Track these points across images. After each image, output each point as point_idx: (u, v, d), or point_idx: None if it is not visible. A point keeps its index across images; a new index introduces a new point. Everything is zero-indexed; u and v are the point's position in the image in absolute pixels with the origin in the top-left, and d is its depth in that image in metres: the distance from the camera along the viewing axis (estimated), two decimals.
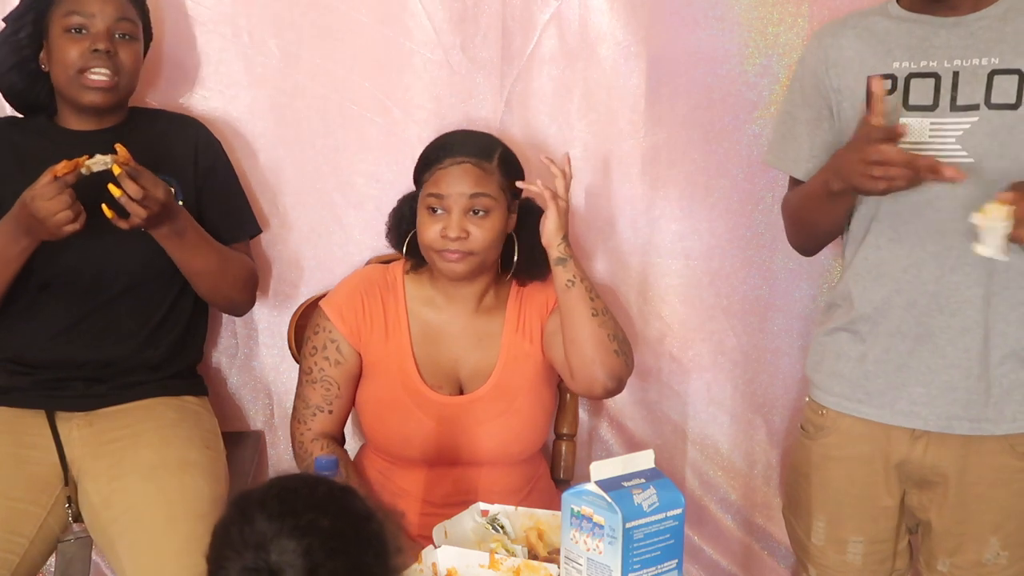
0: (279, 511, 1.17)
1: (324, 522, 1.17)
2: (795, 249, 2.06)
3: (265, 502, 1.18)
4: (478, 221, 1.96)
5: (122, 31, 2.01)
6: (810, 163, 1.92)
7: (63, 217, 1.83)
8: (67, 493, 2.00)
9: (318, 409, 2.05)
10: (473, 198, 1.96)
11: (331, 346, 2.04)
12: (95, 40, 1.97)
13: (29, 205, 1.83)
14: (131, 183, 1.84)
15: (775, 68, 2.28)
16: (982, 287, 1.77)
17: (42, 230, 1.86)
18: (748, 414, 2.44)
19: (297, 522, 1.16)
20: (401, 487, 2.05)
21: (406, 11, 2.27)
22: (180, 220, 1.97)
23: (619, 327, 1.98)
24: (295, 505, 1.18)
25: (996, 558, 1.86)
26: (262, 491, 1.21)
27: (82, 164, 1.85)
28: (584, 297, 1.93)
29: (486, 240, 1.96)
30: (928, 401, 1.81)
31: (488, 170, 1.98)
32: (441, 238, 1.95)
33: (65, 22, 1.99)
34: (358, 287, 2.07)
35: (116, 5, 2.01)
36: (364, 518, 1.21)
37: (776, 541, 2.45)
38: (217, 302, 2.15)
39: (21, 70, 2.05)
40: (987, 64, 1.74)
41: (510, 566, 1.63)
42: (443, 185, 1.97)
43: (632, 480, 1.52)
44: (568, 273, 1.93)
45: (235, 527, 1.18)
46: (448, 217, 1.95)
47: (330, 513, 1.19)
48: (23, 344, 2.03)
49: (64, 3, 2.00)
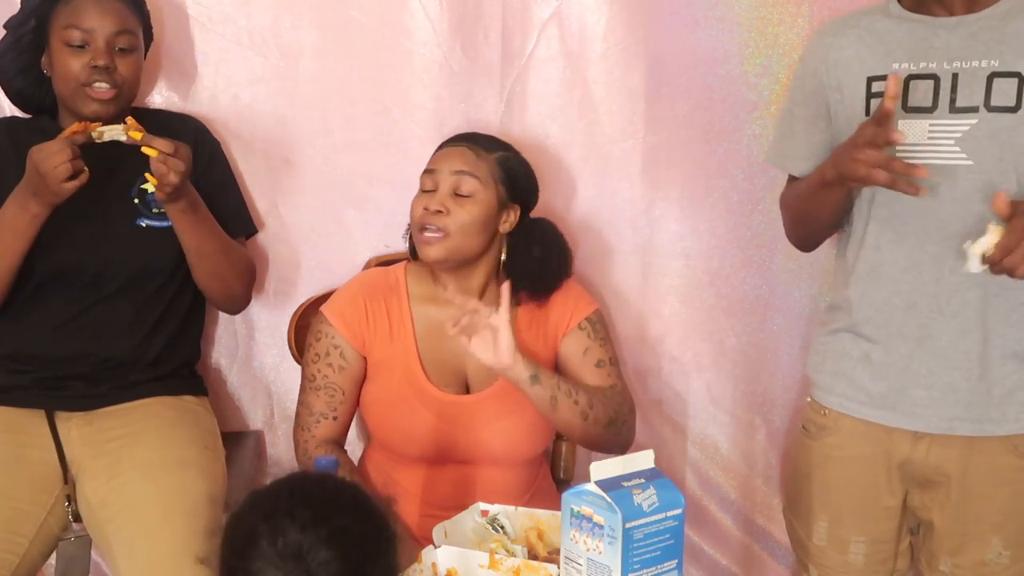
0: (311, 520, 1.18)
1: (354, 526, 1.20)
2: (794, 244, 2.06)
3: (293, 512, 1.19)
4: (461, 201, 1.97)
5: (122, 44, 2.01)
6: (807, 161, 1.92)
7: (63, 169, 1.83)
8: (66, 492, 2.00)
9: (322, 416, 2.04)
10: (458, 174, 1.97)
11: (334, 352, 2.03)
12: (95, 56, 1.97)
13: (34, 158, 1.85)
14: (160, 140, 1.86)
15: (775, 68, 2.28)
16: (981, 288, 1.77)
17: (45, 190, 1.86)
18: (748, 414, 2.44)
19: (330, 530, 1.18)
20: (403, 486, 2.05)
21: (406, 11, 2.27)
22: (192, 192, 1.99)
23: (613, 404, 1.97)
24: (324, 511, 1.20)
25: (998, 558, 1.86)
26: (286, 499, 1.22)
27: (93, 128, 1.87)
28: (570, 408, 1.91)
29: (463, 222, 1.96)
30: (930, 403, 1.81)
31: (482, 157, 2.00)
32: (423, 211, 1.97)
33: (65, 36, 1.99)
34: (360, 291, 2.07)
35: (115, 19, 2.01)
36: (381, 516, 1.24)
37: (776, 541, 2.45)
38: (217, 292, 2.12)
39: (26, 75, 2.06)
40: (987, 66, 1.74)
41: (510, 566, 1.63)
42: (435, 161, 2.02)
43: (632, 480, 1.52)
44: (546, 390, 1.88)
45: (266, 539, 1.19)
46: (435, 194, 1.97)
47: (356, 516, 1.21)
48: (21, 340, 2.04)
49: (63, 15, 2.00)
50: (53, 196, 1.87)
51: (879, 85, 1.78)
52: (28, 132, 2.08)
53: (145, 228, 2.06)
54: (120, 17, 2.02)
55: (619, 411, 2.00)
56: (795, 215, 1.99)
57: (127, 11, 2.04)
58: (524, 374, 1.85)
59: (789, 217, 2.02)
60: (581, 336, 2.06)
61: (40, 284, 2.02)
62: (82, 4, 1.99)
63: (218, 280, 2.10)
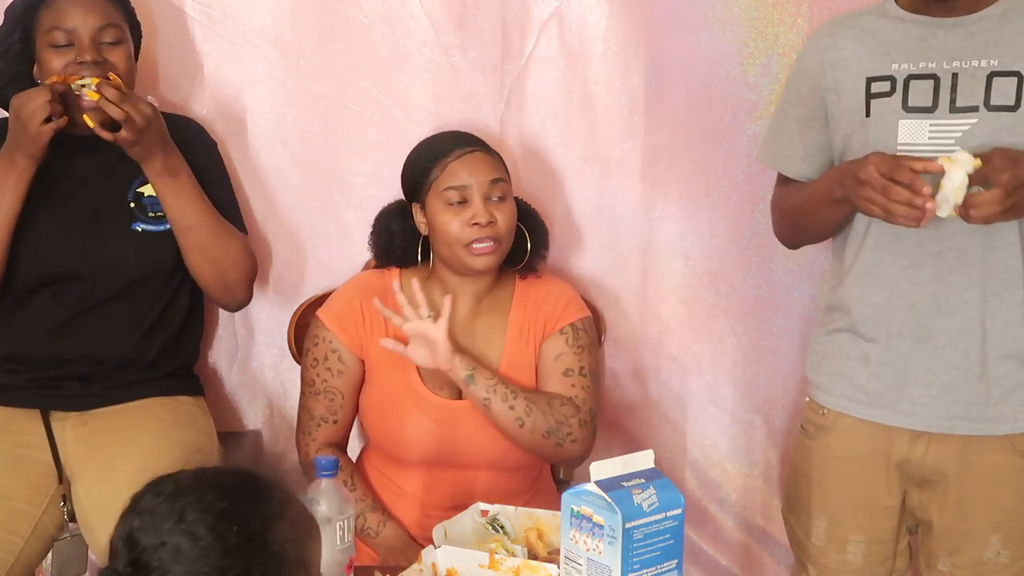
0: (200, 508, 1.15)
1: (232, 536, 1.14)
2: (782, 242, 2.06)
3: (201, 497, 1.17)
4: (499, 206, 1.97)
5: (108, 38, 1.99)
6: (803, 162, 1.92)
7: (41, 111, 1.87)
8: (62, 492, 2.00)
9: (323, 420, 2.04)
10: (494, 184, 1.97)
11: (332, 356, 2.03)
12: (80, 52, 1.96)
13: (14, 104, 1.90)
14: (109, 87, 1.90)
15: (775, 68, 2.28)
16: (980, 288, 1.77)
17: (25, 136, 1.90)
18: (748, 414, 2.43)
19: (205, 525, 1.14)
20: (402, 488, 2.05)
21: (406, 11, 2.27)
22: (174, 158, 1.99)
23: (557, 415, 1.96)
24: (219, 505, 1.16)
25: (997, 557, 1.86)
26: (200, 485, 1.19)
27: (72, 80, 1.92)
28: (505, 412, 1.93)
29: (508, 225, 1.97)
30: (929, 402, 1.81)
31: (496, 156, 2.01)
32: (471, 227, 1.94)
33: (49, 38, 1.97)
34: (356, 294, 2.07)
35: (97, 14, 1.99)
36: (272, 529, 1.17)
37: (776, 541, 2.45)
38: (211, 279, 2.08)
39: (17, 84, 2.02)
40: (986, 66, 1.74)
41: (510, 566, 1.63)
42: (462, 175, 1.97)
43: (632, 480, 1.52)
44: (480, 390, 1.92)
45: (165, 504, 1.17)
46: (470, 207, 1.95)
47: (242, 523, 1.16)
48: (17, 341, 2.04)
49: (46, 19, 1.98)
50: (32, 143, 1.90)
51: (878, 85, 1.78)
52: None
53: (141, 232, 2.05)
54: (102, 11, 2.00)
55: (563, 423, 1.97)
56: (793, 221, 1.98)
57: (108, 5, 2.02)
58: (461, 374, 1.92)
59: (786, 222, 2.01)
60: (559, 341, 2.05)
61: (35, 288, 2.02)
62: (62, 5, 1.97)
63: (208, 262, 2.05)
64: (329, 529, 1.51)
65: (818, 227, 1.93)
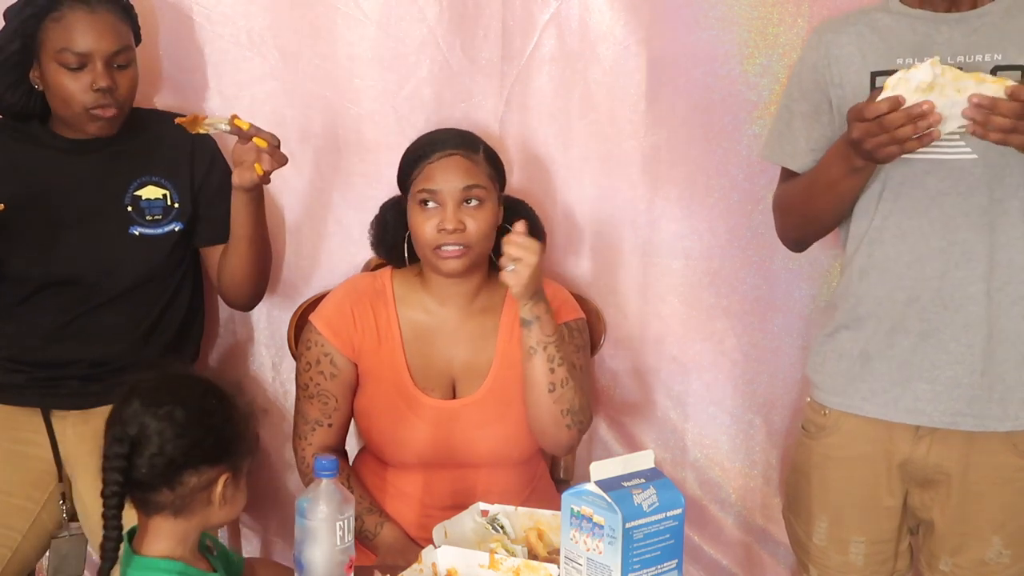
0: (150, 400, 1.49)
1: (178, 413, 1.48)
2: (787, 244, 2.05)
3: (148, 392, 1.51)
4: (472, 212, 1.96)
5: (120, 61, 1.98)
6: (807, 157, 1.92)
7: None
8: (61, 490, 2.01)
9: (317, 424, 2.04)
10: (467, 190, 1.95)
11: (325, 360, 2.03)
12: (96, 79, 1.94)
13: None
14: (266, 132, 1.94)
15: (775, 68, 2.28)
16: (984, 283, 1.77)
17: None
18: (748, 414, 2.43)
19: (158, 411, 1.47)
20: (400, 489, 2.05)
21: (406, 11, 2.27)
22: None
23: (578, 395, 1.94)
24: (162, 397, 1.49)
25: (999, 557, 1.86)
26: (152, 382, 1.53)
27: (201, 121, 1.95)
28: (544, 369, 1.90)
29: (480, 231, 1.96)
30: (932, 397, 1.81)
31: (477, 161, 1.99)
32: (438, 232, 1.94)
33: (60, 59, 1.94)
34: (346, 298, 2.06)
35: (112, 38, 1.96)
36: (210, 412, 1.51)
37: (776, 541, 2.45)
38: (250, 289, 2.14)
39: (15, 90, 2.02)
40: (990, 60, 1.74)
41: (510, 566, 1.63)
42: (436, 178, 1.96)
43: (632, 480, 1.52)
44: (532, 338, 1.89)
45: (119, 406, 1.51)
46: (442, 211, 1.94)
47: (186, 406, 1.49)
48: (18, 343, 2.04)
49: (55, 37, 1.95)
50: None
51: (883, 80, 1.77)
52: (18, 138, 2.06)
53: (139, 236, 2.05)
54: (115, 34, 1.97)
55: (585, 409, 1.97)
56: (799, 213, 1.96)
57: (120, 23, 2.00)
58: (522, 315, 1.89)
59: (790, 218, 2.00)
60: None
61: (34, 292, 2.02)
62: (73, 24, 1.94)
63: (257, 271, 2.12)
64: (329, 529, 1.51)
65: (829, 209, 1.89)
